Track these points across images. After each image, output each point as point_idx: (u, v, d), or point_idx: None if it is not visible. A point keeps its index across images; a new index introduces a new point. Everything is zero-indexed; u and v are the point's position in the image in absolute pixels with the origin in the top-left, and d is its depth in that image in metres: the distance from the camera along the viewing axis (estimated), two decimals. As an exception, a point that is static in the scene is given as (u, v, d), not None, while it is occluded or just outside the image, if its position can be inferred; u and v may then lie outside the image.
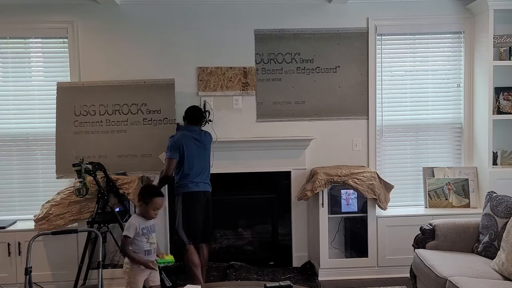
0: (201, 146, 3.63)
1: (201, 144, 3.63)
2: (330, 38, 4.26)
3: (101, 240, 3.16)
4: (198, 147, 3.60)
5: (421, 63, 4.40)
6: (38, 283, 3.75)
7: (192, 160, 3.54)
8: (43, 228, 3.64)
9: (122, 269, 3.01)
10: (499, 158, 4.18)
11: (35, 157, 4.20)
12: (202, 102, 4.18)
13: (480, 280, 2.85)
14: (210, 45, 4.19)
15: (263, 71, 4.24)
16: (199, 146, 3.61)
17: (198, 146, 3.60)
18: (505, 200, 3.27)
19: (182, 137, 3.57)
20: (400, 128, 4.42)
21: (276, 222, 4.35)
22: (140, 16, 4.13)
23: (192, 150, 3.55)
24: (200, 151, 3.61)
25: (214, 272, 4.04)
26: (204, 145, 3.66)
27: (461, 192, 4.27)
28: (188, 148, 3.53)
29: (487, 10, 4.02)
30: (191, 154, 3.54)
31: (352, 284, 3.92)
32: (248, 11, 4.20)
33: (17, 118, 4.18)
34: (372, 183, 3.94)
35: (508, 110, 4.17)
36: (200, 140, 3.64)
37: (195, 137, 3.61)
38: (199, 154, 3.60)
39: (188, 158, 3.53)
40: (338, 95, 4.29)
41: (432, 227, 3.49)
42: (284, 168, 4.25)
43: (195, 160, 3.56)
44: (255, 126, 4.26)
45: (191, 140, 3.57)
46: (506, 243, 3.00)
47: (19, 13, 4.06)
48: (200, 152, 3.61)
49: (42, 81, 4.19)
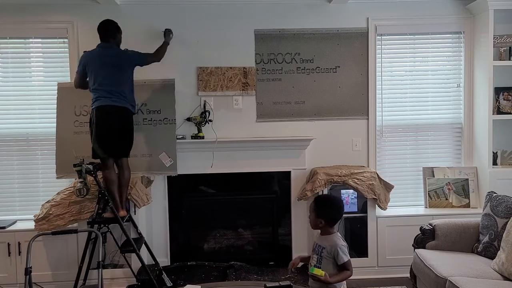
0: (108, 63, 3.48)
1: (110, 62, 3.49)
2: (330, 38, 4.26)
3: (101, 240, 3.16)
4: (103, 65, 3.47)
5: (421, 63, 4.40)
6: (38, 283, 3.75)
7: (96, 77, 3.46)
8: (43, 228, 3.64)
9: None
10: (499, 158, 4.19)
11: (35, 157, 4.20)
12: (202, 102, 4.18)
13: (480, 280, 2.85)
14: (210, 45, 4.19)
15: (263, 71, 4.24)
16: (105, 63, 3.47)
17: (103, 63, 3.47)
18: (505, 200, 3.27)
19: (88, 54, 3.53)
20: (400, 128, 4.42)
21: (276, 222, 4.35)
22: (140, 16, 4.13)
23: (96, 68, 3.46)
24: (108, 69, 3.47)
25: (214, 272, 4.04)
26: (114, 63, 3.49)
27: (461, 192, 4.27)
28: (91, 66, 3.47)
29: (487, 10, 4.02)
30: (95, 71, 3.46)
31: (352, 284, 3.91)
32: (248, 11, 4.21)
33: (17, 118, 4.18)
34: (372, 183, 3.95)
35: (508, 110, 4.17)
36: (108, 57, 3.50)
37: (102, 54, 3.49)
38: (106, 71, 3.46)
39: (91, 75, 3.48)
40: (338, 95, 4.30)
41: (432, 227, 3.49)
42: (284, 168, 4.25)
43: (98, 77, 3.45)
44: (255, 126, 4.27)
45: (96, 59, 3.48)
46: (506, 243, 3.00)
47: (19, 13, 4.06)
48: (107, 70, 3.47)
49: (42, 81, 4.19)
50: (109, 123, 3.46)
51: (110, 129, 3.47)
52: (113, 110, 3.45)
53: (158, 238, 4.20)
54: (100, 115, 3.44)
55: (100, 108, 3.44)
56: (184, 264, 4.19)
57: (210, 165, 4.13)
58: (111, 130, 3.47)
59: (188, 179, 4.23)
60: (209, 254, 4.33)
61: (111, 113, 3.46)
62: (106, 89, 3.44)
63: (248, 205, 4.41)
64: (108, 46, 3.55)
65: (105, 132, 3.45)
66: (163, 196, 4.20)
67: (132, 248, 3.53)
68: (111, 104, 3.44)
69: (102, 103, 3.43)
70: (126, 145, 3.59)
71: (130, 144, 3.62)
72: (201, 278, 3.93)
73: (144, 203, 3.86)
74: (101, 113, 3.44)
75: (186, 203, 4.27)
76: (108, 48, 3.54)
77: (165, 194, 4.21)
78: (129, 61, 3.58)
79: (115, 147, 3.52)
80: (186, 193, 4.27)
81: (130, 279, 3.78)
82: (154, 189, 4.15)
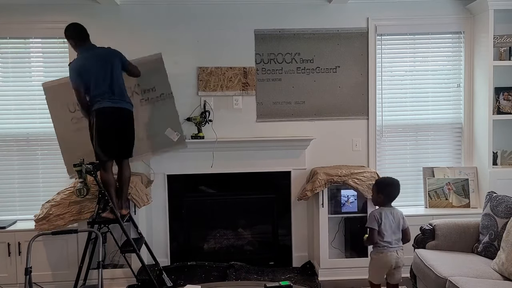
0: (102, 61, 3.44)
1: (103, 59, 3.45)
2: (330, 38, 4.26)
3: (101, 240, 3.16)
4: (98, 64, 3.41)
5: (421, 63, 4.40)
6: (38, 283, 3.75)
7: (93, 79, 3.40)
8: (43, 228, 3.63)
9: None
10: (499, 158, 4.19)
11: (36, 157, 4.20)
12: (202, 102, 4.18)
13: (480, 280, 2.85)
14: (210, 45, 4.19)
15: (263, 71, 4.24)
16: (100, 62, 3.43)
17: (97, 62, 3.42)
18: (505, 200, 3.27)
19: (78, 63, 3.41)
20: (400, 128, 4.42)
21: (276, 222, 4.35)
22: (140, 16, 4.13)
23: (92, 70, 3.40)
24: (103, 68, 3.42)
25: (214, 272, 4.04)
26: (107, 59, 3.47)
27: (461, 192, 4.27)
28: (86, 71, 3.39)
29: (487, 10, 4.02)
30: (91, 74, 3.40)
31: (352, 284, 3.92)
32: (248, 11, 4.20)
33: (17, 118, 4.18)
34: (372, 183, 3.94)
35: (508, 110, 4.17)
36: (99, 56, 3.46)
37: (91, 55, 3.44)
38: (102, 70, 3.42)
39: (90, 81, 3.39)
40: (338, 95, 4.30)
41: (432, 227, 3.49)
42: (284, 168, 4.25)
43: (96, 79, 3.40)
44: (255, 126, 4.27)
45: (89, 61, 3.42)
46: (506, 243, 3.00)
47: (19, 13, 4.06)
48: (103, 68, 3.42)
49: (42, 81, 4.18)
50: (112, 125, 3.44)
51: (112, 131, 3.44)
52: (113, 112, 3.43)
53: (158, 238, 4.20)
54: (101, 117, 3.40)
55: (100, 110, 3.40)
56: (184, 264, 4.19)
57: (210, 165, 4.13)
58: (112, 132, 3.45)
59: (188, 179, 4.24)
60: (209, 254, 4.33)
61: (112, 115, 3.43)
62: (105, 90, 3.40)
63: (248, 205, 4.41)
64: (91, 47, 3.51)
65: (106, 134, 3.43)
66: (163, 196, 4.20)
67: (132, 248, 3.53)
68: (111, 106, 3.41)
69: (102, 105, 3.39)
70: (128, 146, 3.58)
71: (133, 145, 3.62)
72: (201, 278, 3.93)
73: (144, 203, 3.86)
74: (101, 115, 3.40)
75: (186, 203, 4.28)
76: (93, 48, 3.50)
77: (165, 194, 4.21)
78: (116, 55, 3.53)
79: (117, 149, 3.50)
80: (186, 193, 4.27)
81: (130, 279, 3.78)
82: (154, 189, 4.15)
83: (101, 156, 3.45)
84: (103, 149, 3.43)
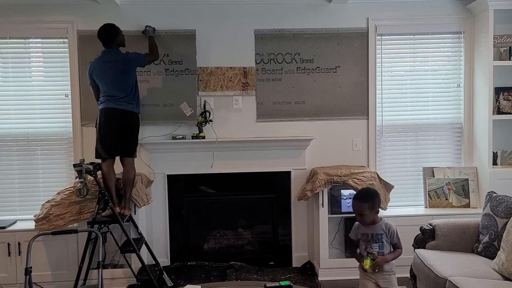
0: (112, 68, 3.55)
1: (114, 66, 3.55)
2: (330, 38, 4.26)
3: (101, 240, 3.16)
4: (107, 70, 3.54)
5: (421, 63, 4.40)
6: (38, 283, 3.75)
7: (102, 82, 3.55)
8: (43, 228, 3.63)
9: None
10: (499, 158, 4.19)
11: (35, 157, 4.20)
12: (202, 102, 4.18)
13: (480, 280, 2.85)
14: (210, 45, 4.19)
15: (263, 71, 4.24)
16: (109, 68, 3.54)
17: (107, 68, 3.54)
18: (505, 200, 3.27)
19: (93, 63, 3.60)
20: (400, 128, 4.42)
21: (276, 222, 4.35)
22: (140, 16, 4.12)
23: (101, 73, 3.54)
24: (112, 74, 3.54)
25: (214, 272, 4.05)
26: (119, 68, 3.56)
27: (461, 192, 4.27)
28: (96, 73, 3.55)
29: (487, 10, 4.02)
30: (99, 77, 3.55)
31: (352, 284, 3.91)
32: (248, 11, 4.20)
33: (17, 118, 4.18)
34: (372, 183, 3.94)
35: (508, 110, 4.17)
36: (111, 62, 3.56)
37: (105, 60, 3.56)
38: (111, 76, 3.54)
39: (99, 82, 3.56)
40: (338, 95, 4.29)
41: (432, 227, 3.49)
42: (284, 168, 4.25)
43: (105, 82, 3.55)
44: (255, 126, 4.26)
45: (100, 65, 3.56)
46: (506, 243, 3.00)
47: (19, 13, 4.06)
48: (112, 75, 3.55)
49: (42, 81, 4.19)
50: (112, 125, 3.54)
51: (113, 131, 3.54)
52: (118, 113, 3.54)
53: (158, 238, 4.20)
54: (105, 116, 3.53)
55: (105, 110, 3.54)
56: (184, 264, 4.19)
57: (210, 165, 4.13)
58: (114, 132, 3.54)
59: (188, 179, 4.24)
60: (209, 254, 4.33)
61: (116, 116, 3.54)
62: (112, 94, 3.53)
63: (248, 205, 4.41)
64: (110, 51, 3.61)
65: (108, 133, 3.53)
66: (163, 196, 4.20)
67: (132, 248, 3.54)
68: (116, 107, 3.53)
69: (108, 105, 3.53)
70: (130, 147, 3.65)
71: (135, 145, 3.69)
72: (201, 278, 3.93)
73: (144, 203, 3.86)
74: (106, 115, 3.54)
75: (186, 203, 4.28)
76: (110, 53, 3.60)
77: (165, 194, 4.21)
78: (131, 64, 3.65)
79: (116, 148, 3.59)
80: (186, 193, 4.27)
81: (130, 279, 3.78)
82: (154, 189, 4.15)
83: (101, 153, 3.56)
84: (102, 146, 3.55)
